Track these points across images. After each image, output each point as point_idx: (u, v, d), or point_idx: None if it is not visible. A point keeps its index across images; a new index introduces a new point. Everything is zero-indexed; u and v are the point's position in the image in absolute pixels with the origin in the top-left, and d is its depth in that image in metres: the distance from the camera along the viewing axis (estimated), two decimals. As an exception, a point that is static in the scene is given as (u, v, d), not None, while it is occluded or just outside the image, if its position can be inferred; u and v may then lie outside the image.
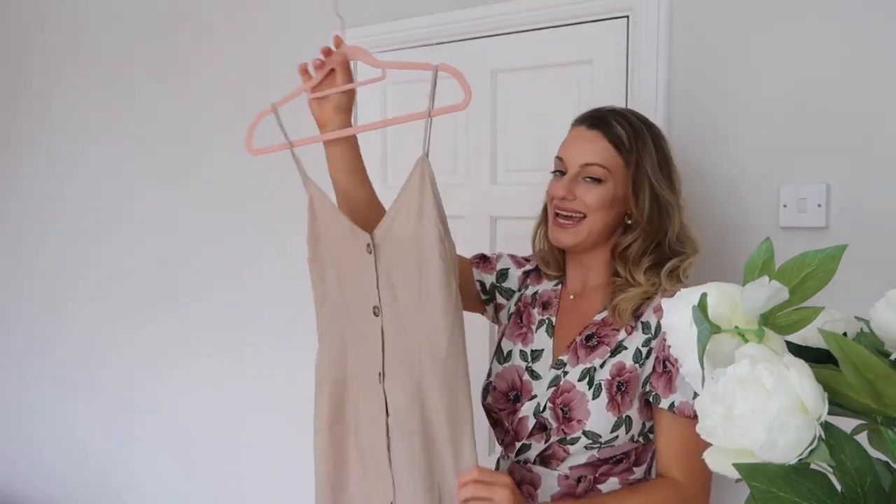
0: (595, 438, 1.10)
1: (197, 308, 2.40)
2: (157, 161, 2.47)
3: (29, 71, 2.84)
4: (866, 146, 1.37)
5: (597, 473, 1.14)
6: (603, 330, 1.15)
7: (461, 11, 1.81)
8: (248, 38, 2.25)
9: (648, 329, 1.13)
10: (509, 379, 1.21)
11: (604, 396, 1.10)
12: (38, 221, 2.83)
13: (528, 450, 1.16)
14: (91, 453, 2.73)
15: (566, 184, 1.15)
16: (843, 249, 0.56)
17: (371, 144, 2.03)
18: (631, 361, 1.12)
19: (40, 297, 2.84)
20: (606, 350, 1.13)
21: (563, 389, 1.13)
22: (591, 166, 1.15)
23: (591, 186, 1.14)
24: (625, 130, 1.15)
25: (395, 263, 1.12)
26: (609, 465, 1.14)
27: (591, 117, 1.19)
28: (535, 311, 1.25)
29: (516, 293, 1.31)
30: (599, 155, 1.15)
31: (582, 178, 1.15)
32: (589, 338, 1.16)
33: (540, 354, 1.20)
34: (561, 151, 1.20)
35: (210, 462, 2.41)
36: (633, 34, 1.60)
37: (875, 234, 1.36)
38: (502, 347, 1.26)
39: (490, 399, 1.23)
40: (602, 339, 1.15)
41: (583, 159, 1.15)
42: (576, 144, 1.18)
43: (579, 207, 1.15)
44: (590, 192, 1.14)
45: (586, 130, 1.17)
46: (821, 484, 0.51)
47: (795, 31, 1.43)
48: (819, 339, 0.57)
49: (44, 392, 2.85)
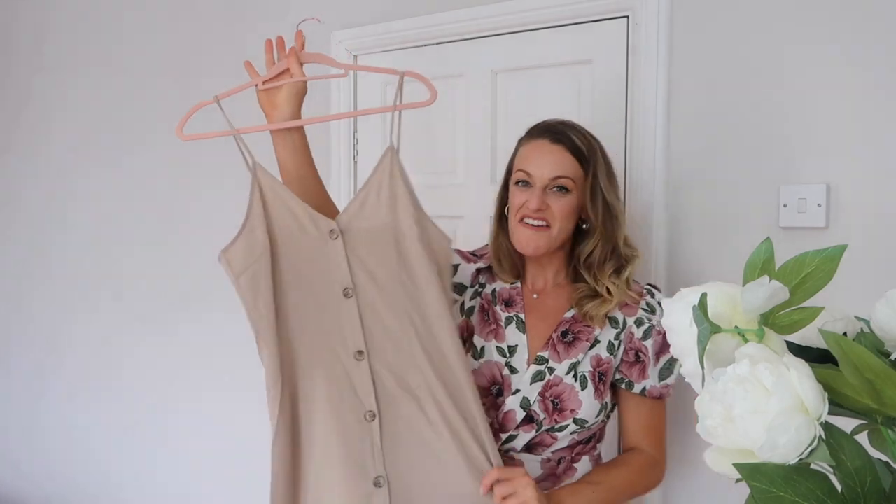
0: (582, 424, 1.22)
1: (211, 314, 2.39)
2: (163, 162, 2.47)
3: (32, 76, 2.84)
4: (866, 146, 1.37)
5: (573, 454, 1.26)
6: (576, 326, 1.26)
7: (461, 11, 1.81)
8: (248, 37, 2.25)
9: (617, 324, 1.26)
10: (489, 374, 1.27)
11: (590, 386, 1.23)
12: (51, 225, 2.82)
13: (514, 440, 1.24)
14: (101, 457, 2.72)
15: (539, 195, 1.22)
16: (843, 249, 0.56)
17: (371, 145, 2.03)
18: (606, 353, 1.25)
19: (52, 301, 2.84)
20: (585, 345, 1.25)
21: (552, 383, 1.23)
22: (561, 179, 1.23)
23: (559, 197, 1.23)
24: (583, 143, 1.25)
25: (368, 249, 1.14)
26: (581, 444, 1.27)
27: (551, 131, 1.26)
28: (499, 309, 1.31)
29: (469, 289, 1.36)
30: (567, 168, 1.23)
31: (550, 190, 1.23)
32: (565, 334, 1.26)
33: (515, 350, 1.28)
34: (526, 165, 1.25)
35: (222, 469, 2.41)
36: (633, 34, 1.60)
37: (875, 234, 1.36)
38: (475, 344, 1.30)
39: None
40: (578, 335, 1.26)
41: (553, 173, 1.23)
42: (543, 159, 1.24)
43: (548, 217, 1.23)
44: (558, 203, 1.23)
45: (550, 144, 1.24)
46: (821, 484, 0.51)
47: (795, 31, 1.43)
48: (819, 339, 0.56)
49: (55, 396, 2.85)
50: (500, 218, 1.34)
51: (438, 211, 1.98)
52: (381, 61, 1.99)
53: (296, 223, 1.14)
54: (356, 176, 2.05)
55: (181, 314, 2.46)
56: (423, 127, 1.94)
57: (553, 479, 1.24)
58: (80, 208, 2.71)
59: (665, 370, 1.25)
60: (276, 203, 1.14)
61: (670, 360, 1.25)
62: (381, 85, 2.00)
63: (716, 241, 1.52)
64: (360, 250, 1.14)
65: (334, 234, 1.15)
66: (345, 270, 1.14)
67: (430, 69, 1.91)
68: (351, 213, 1.15)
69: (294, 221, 1.14)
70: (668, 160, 1.57)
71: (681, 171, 1.56)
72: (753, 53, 1.47)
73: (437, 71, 1.90)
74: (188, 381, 2.46)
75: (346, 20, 2.02)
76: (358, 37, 2.00)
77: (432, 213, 1.90)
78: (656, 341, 1.25)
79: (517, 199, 1.26)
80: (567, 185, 1.23)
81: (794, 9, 1.43)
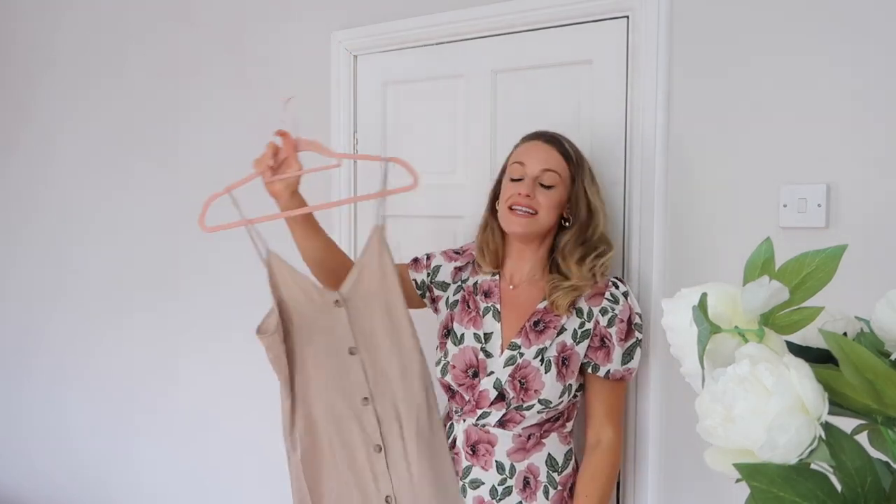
0: (547, 404, 1.39)
1: (192, 304, 2.40)
2: (150, 154, 2.47)
3: (15, 65, 2.84)
4: (866, 146, 1.37)
5: (541, 431, 1.43)
6: (547, 316, 1.43)
7: (461, 11, 1.81)
8: (248, 37, 2.25)
9: (582, 314, 1.43)
10: (467, 358, 1.45)
11: (553, 370, 1.39)
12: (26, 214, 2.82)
13: (487, 416, 1.42)
14: (85, 452, 2.72)
15: (529, 184, 1.42)
16: (843, 249, 0.56)
17: (371, 145, 2.03)
18: (571, 340, 1.41)
19: (30, 293, 2.83)
20: (553, 332, 1.42)
21: (521, 366, 1.40)
22: (549, 171, 1.43)
23: (546, 191, 1.43)
24: (570, 148, 1.47)
25: (365, 313, 1.33)
26: (550, 423, 1.43)
27: (544, 135, 1.48)
28: (479, 299, 1.51)
29: (452, 285, 1.57)
30: (556, 163, 1.44)
31: (539, 184, 1.42)
32: (536, 323, 1.43)
33: (490, 336, 1.46)
34: (521, 157, 1.45)
35: (207, 460, 2.41)
36: (633, 34, 1.60)
37: (875, 234, 1.36)
38: (455, 331, 1.50)
39: (449, 376, 1.46)
40: (547, 324, 1.43)
41: (544, 164, 1.43)
42: (536, 153, 1.45)
43: (535, 205, 1.41)
44: (545, 195, 1.42)
45: (543, 144, 1.46)
46: (821, 484, 0.51)
47: (795, 31, 1.43)
48: (819, 339, 0.56)
49: (36, 390, 2.85)
50: (492, 209, 1.53)
51: (438, 211, 1.99)
52: (381, 61, 1.99)
53: (304, 296, 1.32)
54: (356, 176, 2.05)
55: (175, 307, 2.46)
56: (424, 127, 1.94)
57: (522, 453, 1.42)
58: (46, 204, 2.71)
59: (627, 355, 1.41)
60: (287, 283, 1.32)
61: (632, 345, 1.41)
62: (382, 85, 2.00)
63: (716, 241, 1.52)
64: (359, 315, 1.33)
65: (339, 304, 1.32)
66: (348, 333, 1.32)
67: (430, 69, 1.92)
68: (349, 286, 1.33)
69: (303, 295, 1.32)
70: (668, 160, 1.57)
71: (680, 170, 1.56)
72: (753, 53, 1.47)
73: (437, 71, 1.90)
74: (177, 378, 2.46)
75: (346, 20, 2.03)
76: (358, 37, 2.01)
77: (432, 213, 1.91)
78: (620, 328, 1.40)
79: (508, 191, 1.45)
80: (553, 179, 1.42)
81: (794, 9, 1.43)
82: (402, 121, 1.99)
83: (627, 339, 1.41)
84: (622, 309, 1.41)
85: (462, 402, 1.46)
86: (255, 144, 1.37)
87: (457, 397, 1.47)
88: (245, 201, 1.33)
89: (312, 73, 2.10)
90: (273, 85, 2.20)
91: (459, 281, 1.56)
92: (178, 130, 2.42)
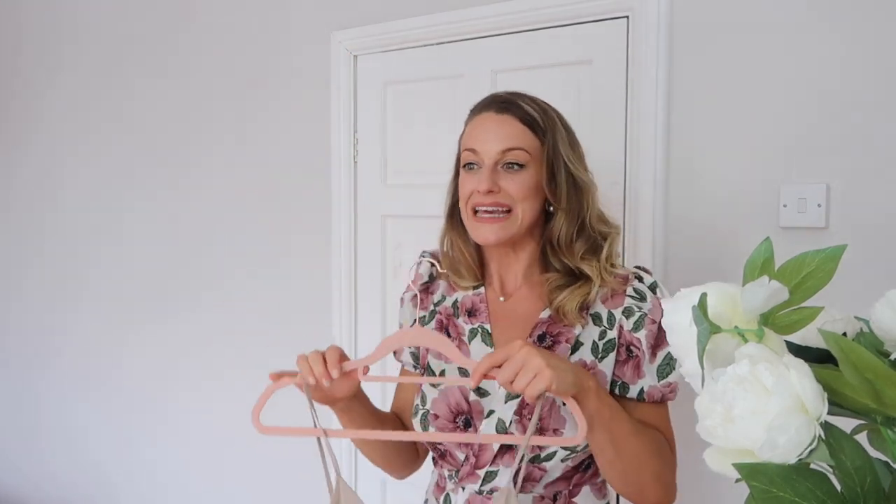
0: (573, 448, 1.00)
1: (206, 309, 2.40)
2: (165, 161, 2.47)
3: (27, 71, 2.84)
4: (866, 146, 1.37)
5: (570, 486, 1.06)
6: (554, 328, 1.06)
7: (461, 11, 1.81)
8: (248, 38, 2.25)
9: (600, 321, 1.05)
10: (452, 402, 1.07)
11: None
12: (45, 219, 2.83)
13: (494, 477, 1.04)
14: (99, 456, 2.72)
15: (488, 175, 1.04)
16: (843, 249, 0.56)
17: (371, 145, 2.03)
18: (591, 357, 1.04)
19: (47, 298, 2.84)
20: (567, 347, 1.04)
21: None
22: (513, 151, 1.04)
23: (514, 174, 1.05)
24: (535, 110, 1.07)
25: None
26: (580, 473, 1.07)
27: (496, 102, 1.09)
28: (462, 322, 1.12)
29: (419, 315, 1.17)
30: (519, 138, 1.05)
31: (502, 167, 1.05)
32: (541, 338, 1.06)
33: None
34: (472, 143, 1.08)
35: (220, 464, 2.41)
36: (633, 34, 1.60)
37: (875, 234, 1.36)
38: (432, 368, 1.12)
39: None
40: (556, 337, 1.05)
41: (502, 145, 1.04)
42: (490, 132, 1.06)
43: (504, 200, 1.04)
44: (514, 181, 1.04)
45: (496, 115, 1.07)
46: (821, 484, 0.51)
47: (795, 31, 1.43)
48: (819, 339, 0.56)
49: (52, 394, 2.85)
50: (451, 214, 1.16)
51: (438, 211, 1.98)
52: (381, 61, 1.99)
53: None
54: (356, 176, 2.05)
55: (178, 310, 2.46)
56: (424, 127, 1.94)
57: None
58: (76, 205, 2.71)
59: (664, 366, 1.03)
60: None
61: (669, 353, 1.03)
62: (382, 85, 2.00)
63: (716, 241, 1.52)
64: None
65: None
66: None
67: (431, 69, 1.92)
68: None
69: None
70: (668, 159, 1.57)
71: (680, 170, 1.56)
72: (753, 53, 1.47)
73: (437, 71, 1.90)
74: (186, 380, 2.46)
75: (346, 20, 2.03)
76: (358, 37, 2.01)
77: (432, 212, 1.94)
78: (651, 331, 1.03)
79: (465, 186, 1.08)
80: (520, 158, 1.04)
81: (794, 9, 1.43)
82: (402, 121, 1.99)
83: (662, 344, 1.03)
84: (652, 307, 1.04)
85: (455, 462, 1.08)
86: (257, 144, 1.36)
87: (447, 458, 1.08)
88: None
89: (312, 73, 2.10)
90: (273, 85, 2.20)
91: (432, 305, 1.17)
92: (183, 128, 2.42)
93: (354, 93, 2.04)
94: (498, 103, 1.08)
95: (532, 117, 1.06)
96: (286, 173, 2.17)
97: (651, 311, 1.04)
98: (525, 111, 1.06)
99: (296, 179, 2.16)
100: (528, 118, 1.06)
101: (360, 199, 2.05)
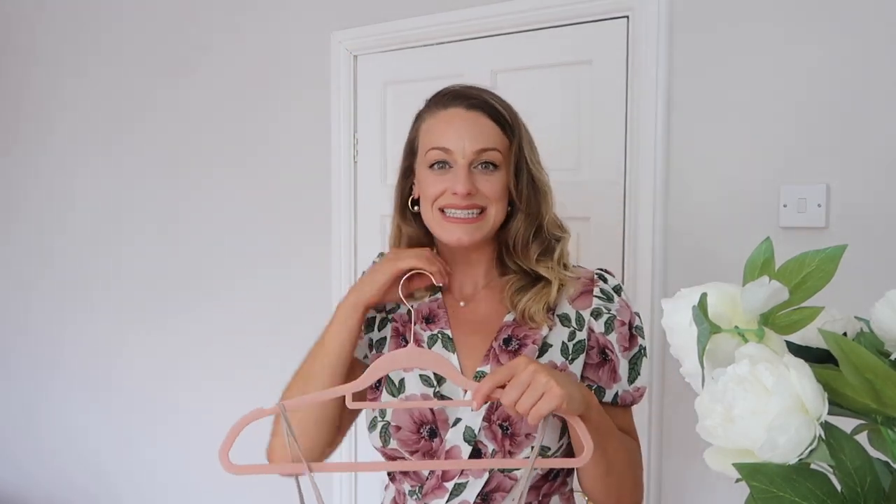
0: (544, 452, 0.96)
1: (206, 310, 2.40)
2: (165, 161, 2.47)
3: (35, 73, 2.84)
4: (866, 146, 1.37)
5: (540, 496, 1.01)
6: (520, 330, 1.01)
7: (461, 11, 1.81)
8: (248, 38, 2.25)
9: (569, 322, 1.02)
10: (415, 412, 1.00)
11: None
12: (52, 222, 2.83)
13: (463, 490, 0.97)
14: (105, 454, 2.72)
15: (465, 177, 0.98)
16: (843, 249, 0.56)
17: (371, 145, 2.03)
18: (561, 358, 1.00)
19: (52, 299, 2.84)
20: (534, 349, 1.00)
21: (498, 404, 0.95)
22: (488, 151, 1.00)
23: (489, 175, 1.01)
24: (503, 108, 1.03)
25: None
26: (549, 482, 1.02)
27: (464, 97, 1.03)
28: (419, 329, 1.06)
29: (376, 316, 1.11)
30: (492, 138, 1.01)
31: (476, 167, 1.00)
32: (507, 341, 1.01)
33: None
34: (443, 141, 1.01)
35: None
36: (633, 34, 1.60)
37: (875, 234, 1.36)
38: (391, 377, 1.03)
39: (394, 442, 1.00)
40: (523, 339, 1.01)
41: (478, 144, 0.99)
42: (462, 130, 1.00)
43: (480, 202, 1.00)
44: (489, 182, 1.00)
45: (466, 112, 1.01)
46: (821, 484, 0.51)
47: (795, 31, 1.43)
48: (819, 339, 0.56)
49: (54, 394, 2.85)
50: (402, 214, 1.09)
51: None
52: (381, 61, 1.99)
53: None
54: (356, 176, 2.05)
55: (179, 311, 2.46)
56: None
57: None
58: (77, 207, 2.71)
59: (633, 369, 1.02)
60: None
61: (636, 355, 1.03)
62: (382, 85, 2.00)
63: (716, 241, 1.52)
64: None
65: None
66: None
67: (431, 69, 1.92)
68: None
69: None
70: (668, 159, 1.57)
71: (680, 170, 1.56)
72: (753, 53, 1.47)
73: (437, 71, 1.90)
74: (187, 380, 2.46)
75: (346, 20, 2.03)
76: (358, 37, 2.01)
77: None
78: (621, 334, 1.02)
79: (434, 186, 1.01)
80: (494, 158, 1.00)
81: (793, 9, 1.43)
82: (402, 121, 1.99)
83: (631, 346, 1.03)
84: (619, 308, 1.03)
85: (418, 478, 1.02)
86: (257, 144, 1.36)
87: (410, 473, 1.03)
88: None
89: (312, 73, 2.10)
90: (273, 85, 2.20)
91: (383, 311, 1.11)
92: (187, 130, 2.42)
93: (354, 93, 2.04)
94: (465, 99, 1.03)
95: (502, 115, 1.02)
96: (286, 173, 2.17)
97: (619, 312, 1.03)
98: (495, 108, 1.02)
99: (296, 179, 2.16)
100: (498, 116, 1.02)
101: (360, 199, 2.05)
